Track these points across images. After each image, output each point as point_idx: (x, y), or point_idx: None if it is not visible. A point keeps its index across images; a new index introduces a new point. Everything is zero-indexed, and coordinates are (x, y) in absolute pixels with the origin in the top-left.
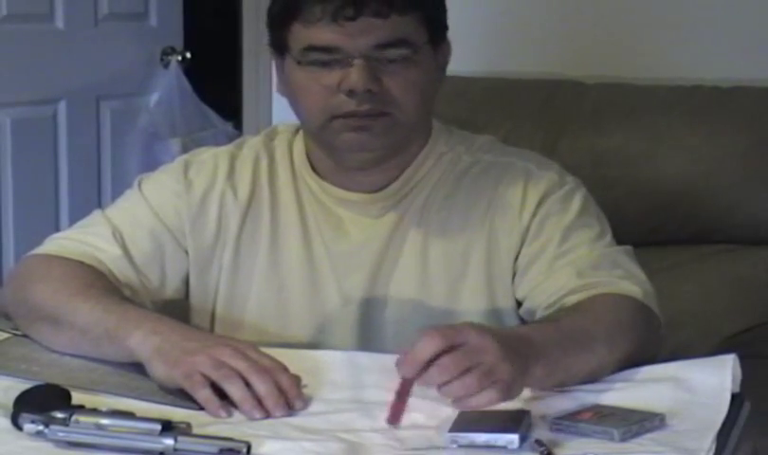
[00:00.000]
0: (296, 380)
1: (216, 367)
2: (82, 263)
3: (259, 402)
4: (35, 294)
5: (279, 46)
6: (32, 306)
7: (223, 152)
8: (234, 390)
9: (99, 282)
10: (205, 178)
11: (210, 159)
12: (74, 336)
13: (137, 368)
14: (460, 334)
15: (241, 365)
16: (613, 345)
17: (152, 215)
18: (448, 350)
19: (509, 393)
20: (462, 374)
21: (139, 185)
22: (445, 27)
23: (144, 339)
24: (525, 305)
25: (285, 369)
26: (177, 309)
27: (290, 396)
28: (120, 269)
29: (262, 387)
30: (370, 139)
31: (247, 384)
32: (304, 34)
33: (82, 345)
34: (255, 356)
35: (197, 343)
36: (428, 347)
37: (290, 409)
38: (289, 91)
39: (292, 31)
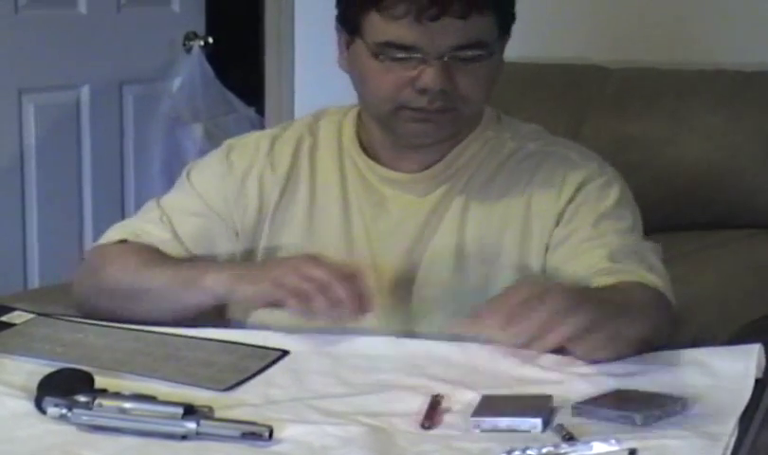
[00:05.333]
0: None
1: (300, 279)
2: (139, 244)
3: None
4: (106, 278)
5: (351, 27)
6: (109, 291)
7: (267, 133)
8: (317, 305)
9: (158, 253)
10: (245, 159)
11: (252, 141)
12: (153, 302)
13: (161, 349)
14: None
15: (321, 273)
16: (637, 323)
17: (199, 201)
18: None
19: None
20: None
21: (188, 174)
22: (513, 20)
23: (220, 273)
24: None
25: (359, 274)
26: None
27: (364, 301)
28: (170, 251)
29: (343, 293)
30: (434, 130)
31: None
32: (383, 28)
33: (163, 306)
34: (332, 265)
35: (273, 262)
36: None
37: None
38: (356, 73)
39: (369, 19)
